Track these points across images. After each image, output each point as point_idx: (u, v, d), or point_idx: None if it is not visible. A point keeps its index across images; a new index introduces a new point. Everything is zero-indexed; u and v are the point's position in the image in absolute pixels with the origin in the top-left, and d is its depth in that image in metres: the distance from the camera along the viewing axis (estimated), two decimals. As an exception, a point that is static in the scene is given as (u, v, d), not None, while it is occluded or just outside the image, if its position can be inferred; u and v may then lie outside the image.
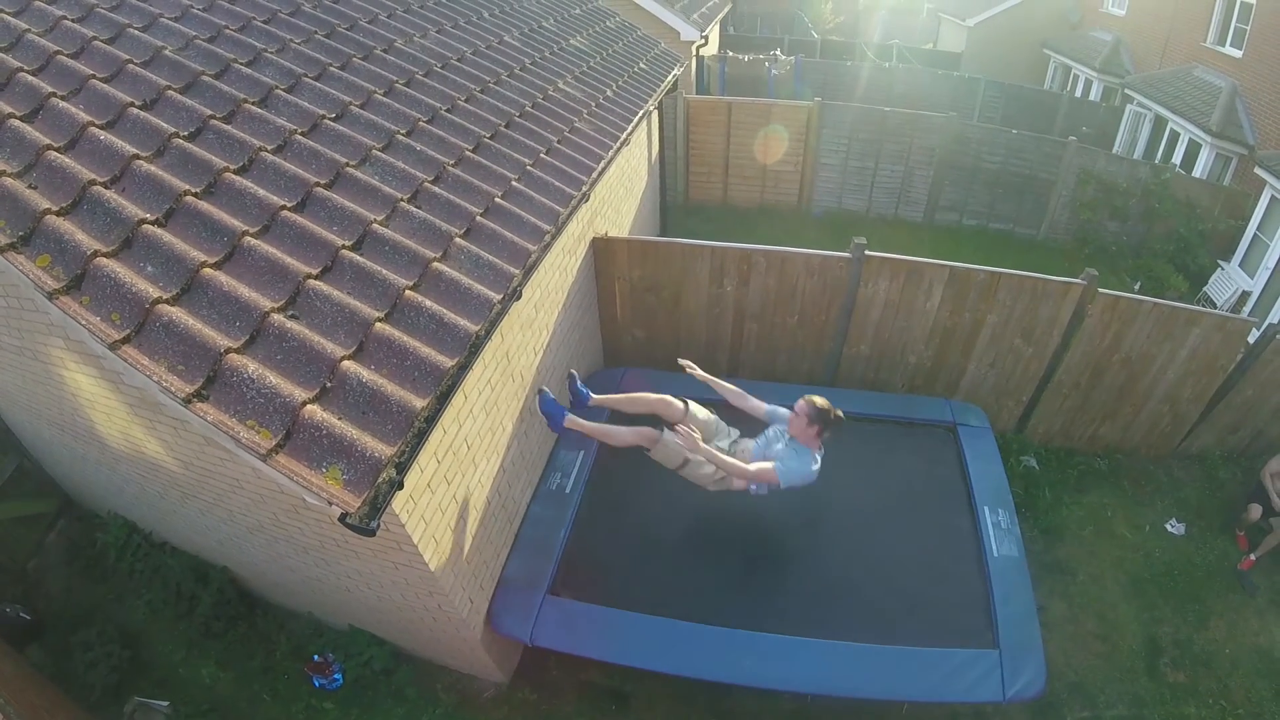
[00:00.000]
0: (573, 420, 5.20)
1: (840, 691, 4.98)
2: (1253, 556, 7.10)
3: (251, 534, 5.19)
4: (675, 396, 5.28)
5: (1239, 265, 12.11)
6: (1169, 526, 7.53)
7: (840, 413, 4.98)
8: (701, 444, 4.86)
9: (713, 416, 5.35)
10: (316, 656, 5.91)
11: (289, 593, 6.12)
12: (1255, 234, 11.85)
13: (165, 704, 5.83)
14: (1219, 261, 12.42)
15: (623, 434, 5.21)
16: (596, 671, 5.91)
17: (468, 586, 4.87)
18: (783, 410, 5.22)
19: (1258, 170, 11.68)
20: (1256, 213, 11.85)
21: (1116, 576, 6.99)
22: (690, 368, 5.46)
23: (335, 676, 5.87)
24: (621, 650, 5.16)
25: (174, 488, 5.25)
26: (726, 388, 5.49)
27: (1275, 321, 10.24)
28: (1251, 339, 7.36)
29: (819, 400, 4.95)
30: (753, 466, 4.99)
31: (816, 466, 5.01)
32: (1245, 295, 11.61)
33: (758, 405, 5.38)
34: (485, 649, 5.33)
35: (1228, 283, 11.98)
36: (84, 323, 3.05)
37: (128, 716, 5.76)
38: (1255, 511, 7.23)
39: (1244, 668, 6.30)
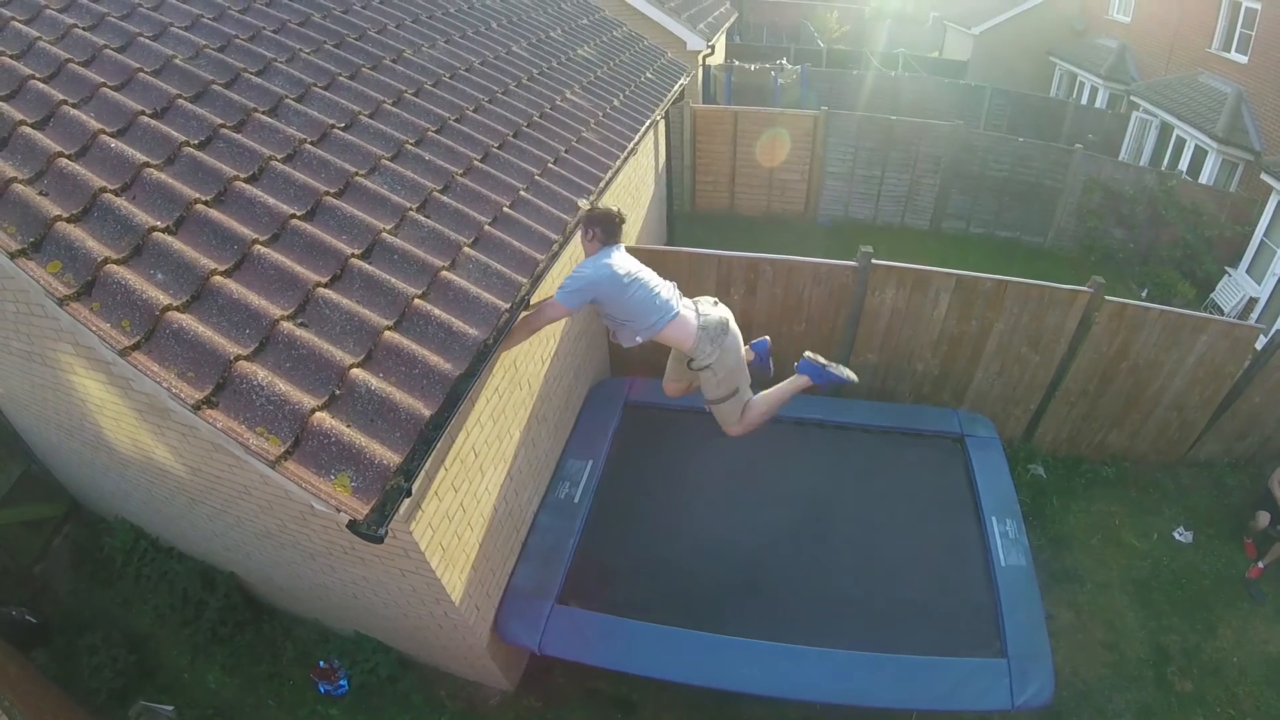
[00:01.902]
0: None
1: (848, 700, 4.96)
2: (1261, 564, 7.07)
3: (259, 540, 5.21)
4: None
5: (1246, 271, 12.08)
6: (1176, 534, 7.50)
7: (606, 207, 4.31)
8: None
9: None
10: (322, 663, 5.92)
11: (295, 599, 6.13)
12: (1262, 240, 11.84)
13: (170, 708, 5.85)
14: (1226, 268, 12.39)
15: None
16: (603, 680, 5.90)
17: (474, 594, 4.87)
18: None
19: (1264, 176, 11.66)
20: (1263, 219, 11.83)
21: (1124, 585, 6.97)
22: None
23: (341, 683, 5.87)
24: (630, 659, 5.17)
25: (181, 493, 5.27)
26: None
27: (1283, 329, 10.21)
28: (1259, 345, 7.35)
29: (585, 211, 4.38)
30: (535, 306, 4.46)
31: (600, 268, 4.18)
32: (1252, 301, 11.59)
33: None
34: (491, 656, 5.33)
35: (1235, 289, 11.96)
36: (94, 329, 3.06)
37: (133, 720, 5.79)
38: (1263, 519, 7.20)
39: (1252, 676, 6.27)
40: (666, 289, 4.43)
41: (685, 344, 4.45)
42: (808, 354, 4.93)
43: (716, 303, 4.60)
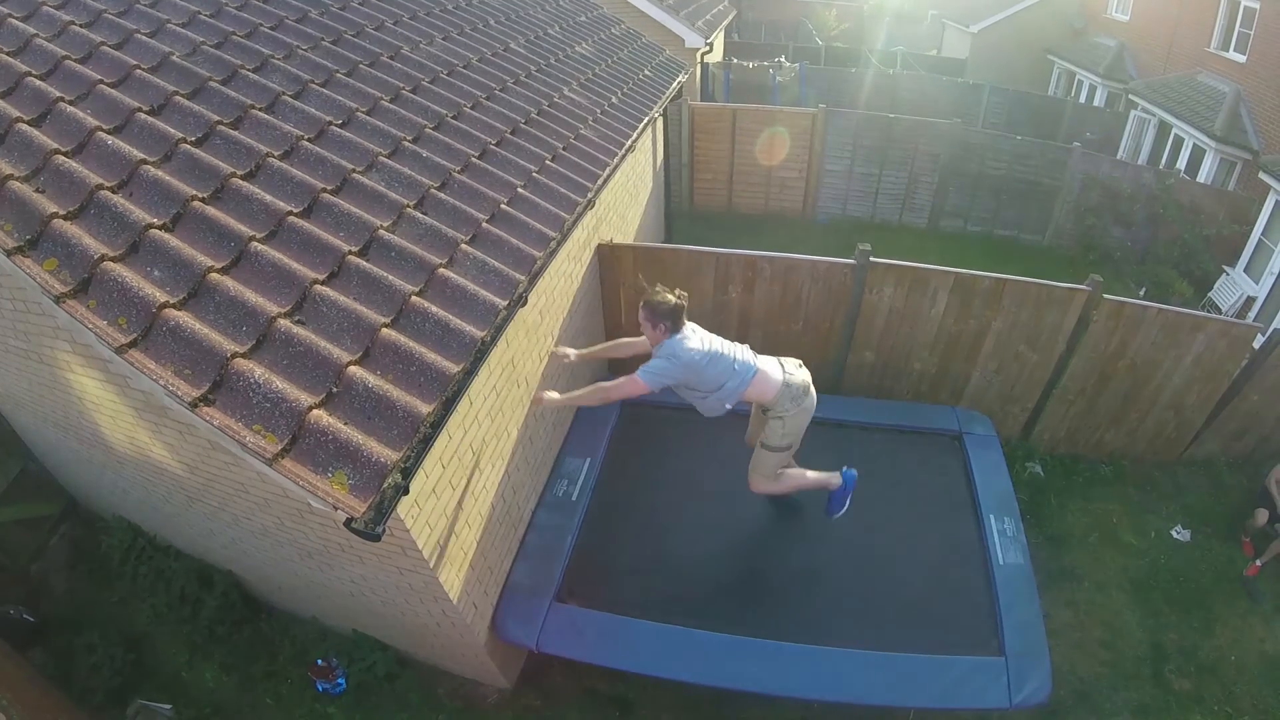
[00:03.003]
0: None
1: (845, 698, 4.96)
2: (1258, 562, 7.07)
3: (256, 538, 5.20)
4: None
5: (1244, 270, 12.08)
6: (1174, 533, 7.50)
7: (670, 295, 4.51)
8: (548, 395, 4.88)
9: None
10: (320, 661, 5.91)
11: (293, 597, 6.13)
12: (1260, 239, 11.82)
13: (168, 707, 5.83)
14: (1224, 267, 12.39)
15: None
16: (600, 678, 5.90)
17: (472, 592, 4.87)
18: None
19: (1262, 175, 11.65)
20: (1261, 218, 11.81)
21: (1121, 583, 6.97)
22: (564, 355, 5.24)
23: (339, 681, 5.87)
24: (628, 657, 5.16)
25: (179, 491, 5.26)
26: (609, 347, 5.42)
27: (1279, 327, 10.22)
28: (1256, 344, 7.34)
29: (646, 300, 4.55)
30: (614, 380, 4.72)
31: (679, 354, 4.51)
32: (1250, 300, 11.58)
33: (642, 342, 4.93)
34: (489, 655, 5.32)
35: (1232, 288, 11.95)
36: (91, 326, 3.06)
37: (130, 719, 5.77)
38: (1261, 517, 7.20)
39: (1250, 674, 6.27)
40: (741, 352, 4.83)
41: (767, 396, 4.89)
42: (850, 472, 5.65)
43: (800, 365, 5.10)
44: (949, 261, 7.46)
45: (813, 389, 5.04)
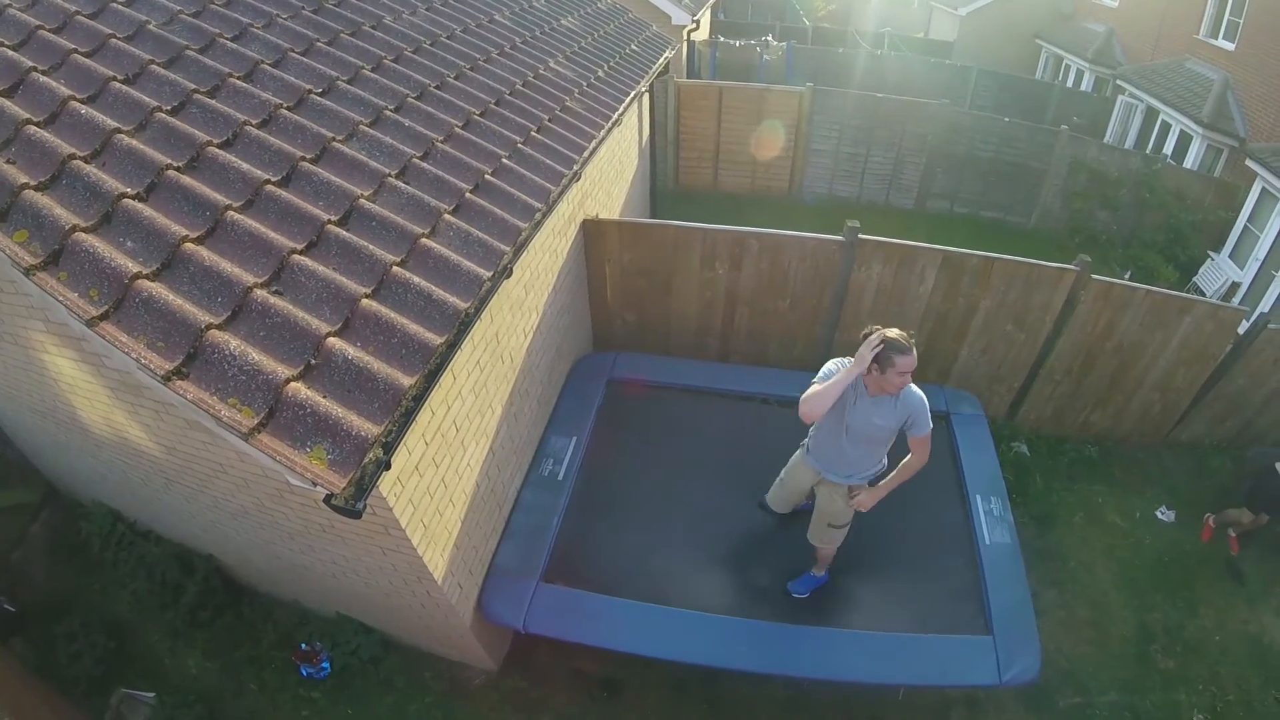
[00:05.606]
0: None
1: (834, 676, 4.95)
2: (1232, 533, 7.13)
3: (236, 520, 5.10)
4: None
5: (1229, 256, 12.14)
6: (1159, 514, 7.54)
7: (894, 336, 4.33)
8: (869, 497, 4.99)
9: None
10: (304, 645, 5.85)
11: (275, 581, 6.05)
12: (1245, 225, 11.88)
13: (151, 695, 5.75)
14: (1209, 252, 12.44)
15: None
16: (587, 659, 5.85)
17: (457, 572, 4.80)
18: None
19: (1248, 162, 11.71)
20: (1247, 204, 11.87)
21: (1107, 564, 7.00)
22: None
23: (323, 665, 5.81)
24: (616, 636, 5.12)
25: (157, 474, 5.15)
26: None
27: (1265, 311, 10.26)
28: (1242, 329, 7.35)
29: (894, 340, 4.31)
30: (918, 453, 4.78)
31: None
32: (1235, 286, 11.65)
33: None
34: (475, 636, 5.27)
35: (1217, 273, 12.01)
36: (61, 299, 2.95)
37: (113, 708, 5.68)
38: (1246, 516, 7.15)
39: (1233, 654, 6.32)
40: None
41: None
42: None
43: None
44: (936, 242, 7.39)
45: None
